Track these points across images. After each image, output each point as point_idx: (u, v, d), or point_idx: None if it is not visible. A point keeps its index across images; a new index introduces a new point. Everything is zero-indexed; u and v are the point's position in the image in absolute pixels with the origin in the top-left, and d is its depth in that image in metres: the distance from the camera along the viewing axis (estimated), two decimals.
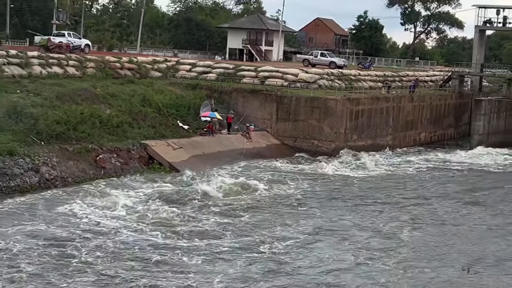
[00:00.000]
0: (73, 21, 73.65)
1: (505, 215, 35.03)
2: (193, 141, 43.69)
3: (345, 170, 44.18)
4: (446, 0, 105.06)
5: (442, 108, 62.57)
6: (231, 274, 23.36)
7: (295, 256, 25.72)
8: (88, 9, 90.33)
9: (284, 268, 24.26)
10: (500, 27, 73.89)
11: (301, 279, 23.17)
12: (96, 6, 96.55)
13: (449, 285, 24.06)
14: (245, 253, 25.83)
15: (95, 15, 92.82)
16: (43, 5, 76.59)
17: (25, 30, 70.57)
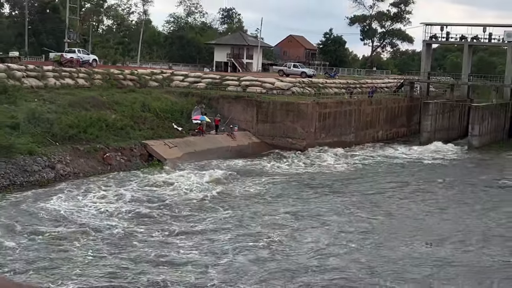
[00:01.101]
0: (82, 39, 73.23)
1: (454, 200, 35.36)
2: (186, 140, 43.63)
3: (312, 165, 44.28)
4: (398, 19, 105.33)
5: (396, 110, 62.82)
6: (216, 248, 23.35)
7: (279, 239, 25.36)
8: (95, 29, 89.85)
9: (271, 252, 23.88)
10: (443, 41, 74.29)
11: (289, 263, 22.77)
12: (102, 27, 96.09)
13: (419, 258, 24.21)
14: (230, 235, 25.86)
15: (101, 34, 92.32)
16: (56, 26, 76.18)
17: (41, 47, 70.15)
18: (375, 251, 24.59)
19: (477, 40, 69.66)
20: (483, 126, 57.95)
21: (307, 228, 27.36)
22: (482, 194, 37.24)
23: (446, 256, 24.48)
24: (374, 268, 22.61)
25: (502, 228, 29.58)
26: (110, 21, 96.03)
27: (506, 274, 23.19)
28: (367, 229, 27.77)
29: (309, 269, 22.08)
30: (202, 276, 21.07)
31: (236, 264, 22.26)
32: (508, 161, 51.33)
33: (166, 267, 21.61)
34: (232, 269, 21.81)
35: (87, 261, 21.77)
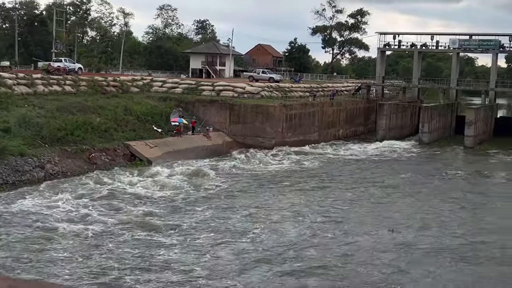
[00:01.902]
0: (68, 49, 72.32)
1: (408, 190, 35.67)
2: (166, 140, 43.31)
3: (281, 162, 44.33)
4: (356, 29, 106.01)
5: (355, 111, 63.20)
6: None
7: (256, 230, 25.03)
8: (80, 40, 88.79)
9: (248, 243, 23.55)
10: (396, 49, 74.97)
11: (266, 254, 22.37)
12: (86, 38, 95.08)
13: (385, 243, 24.40)
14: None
15: (86, 44, 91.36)
16: (44, 38, 75.18)
17: (30, 57, 69.11)
18: (346, 239, 24.61)
19: (425, 47, 70.43)
20: (432, 124, 58.62)
21: (278, 220, 27.07)
22: (432, 184, 37.74)
23: (407, 240, 24.77)
24: (347, 255, 22.61)
25: (451, 212, 30.15)
26: (94, 33, 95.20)
27: (460, 254, 23.50)
28: (335, 219, 27.69)
29: (287, 259, 21.78)
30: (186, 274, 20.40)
31: (219, 258, 21.92)
32: (454, 155, 52.03)
33: (148, 266, 20.63)
34: (215, 262, 21.55)
35: (64, 262, 20.50)
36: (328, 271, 20.77)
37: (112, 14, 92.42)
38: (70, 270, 19.75)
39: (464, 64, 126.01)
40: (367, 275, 20.56)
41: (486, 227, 27.57)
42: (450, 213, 29.92)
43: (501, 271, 22.02)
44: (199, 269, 20.46)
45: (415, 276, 20.85)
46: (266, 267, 20.88)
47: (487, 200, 33.70)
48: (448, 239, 25.23)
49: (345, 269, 21.11)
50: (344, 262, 21.77)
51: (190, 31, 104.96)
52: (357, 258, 22.29)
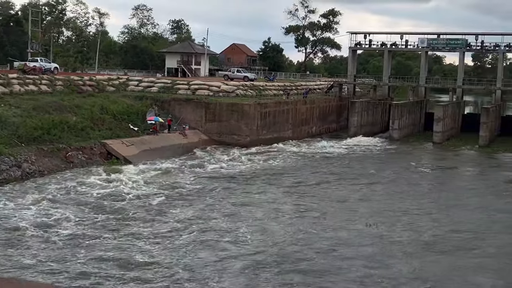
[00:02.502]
0: (44, 49, 71.26)
1: (379, 185, 36.10)
2: (142, 139, 43.06)
3: (254, 159, 44.41)
4: (328, 28, 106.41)
5: (327, 108, 63.55)
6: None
7: (235, 229, 24.82)
8: (55, 40, 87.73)
9: (228, 239, 23.45)
10: (367, 48, 75.55)
11: (247, 249, 22.37)
12: (62, 38, 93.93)
13: (365, 237, 24.72)
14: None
15: (62, 44, 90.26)
16: (20, 38, 73.93)
17: (6, 57, 67.94)
18: (326, 234, 24.76)
19: (395, 46, 71.09)
20: (402, 121, 59.27)
21: (258, 218, 26.79)
22: (403, 179, 38.20)
23: (384, 233, 25.21)
24: (330, 249, 22.77)
25: (422, 206, 30.73)
26: (70, 33, 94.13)
27: (433, 245, 24.07)
28: (313, 215, 27.78)
29: (270, 256, 21.65)
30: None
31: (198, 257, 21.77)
32: (423, 151, 52.71)
33: (125, 270, 19.86)
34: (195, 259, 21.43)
35: (34, 267, 19.59)
36: (311, 267, 20.77)
37: (87, 14, 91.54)
38: (43, 277, 18.72)
39: (433, 63, 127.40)
40: (349, 270, 20.69)
41: (456, 220, 28.12)
42: (422, 207, 30.50)
43: (472, 260, 22.51)
44: (181, 271, 19.85)
45: (394, 268, 21.10)
46: (250, 266, 20.59)
47: (455, 194, 34.26)
48: (421, 231, 25.74)
49: (327, 264, 21.17)
50: (325, 257, 21.85)
51: (166, 30, 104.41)
52: (338, 253, 22.41)
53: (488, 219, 28.68)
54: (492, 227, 27.11)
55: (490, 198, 33.15)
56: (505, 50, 66.99)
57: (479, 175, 41.22)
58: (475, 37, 66.69)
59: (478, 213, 29.73)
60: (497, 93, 64.32)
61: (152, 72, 77.55)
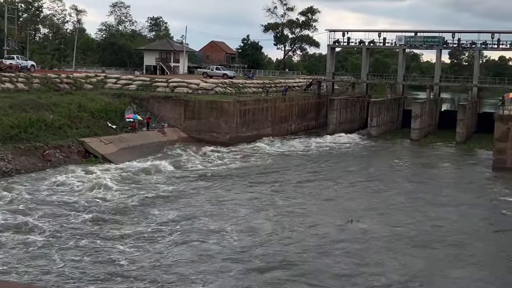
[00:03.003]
0: (21, 46, 70.28)
1: (359, 181, 36.26)
2: (120, 137, 42.75)
3: (233, 157, 44.36)
4: (306, 26, 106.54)
5: (306, 106, 63.72)
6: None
7: (218, 227, 24.59)
8: (32, 37, 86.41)
9: (212, 239, 23.14)
10: (345, 45, 75.90)
11: (231, 249, 22.20)
12: (38, 35, 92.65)
13: (348, 232, 24.93)
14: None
15: (38, 41, 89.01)
16: None
17: None
18: (311, 231, 24.83)
19: (373, 44, 71.55)
20: (380, 118, 59.68)
21: (239, 217, 26.56)
22: (381, 175, 38.50)
23: (366, 228, 25.50)
24: (316, 246, 22.87)
25: (401, 201, 31.08)
26: (47, 30, 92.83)
27: (413, 239, 24.44)
28: (296, 212, 27.82)
29: (256, 256, 21.45)
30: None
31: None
32: (401, 147, 53.15)
33: (106, 274, 19.25)
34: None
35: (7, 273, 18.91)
36: (298, 265, 20.70)
37: (64, 11, 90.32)
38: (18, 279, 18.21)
39: (410, 60, 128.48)
40: (336, 267, 20.75)
41: (435, 215, 28.49)
42: (401, 203, 30.85)
43: (449, 252, 22.91)
44: (164, 275, 19.40)
45: (379, 264, 21.34)
46: (236, 266, 20.32)
47: (433, 190, 34.61)
48: (402, 227, 26.10)
49: (314, 261, 21.19)
50: (312, 255, 21.87)
51: (144, 28, 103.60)
52: (324, 249, 22.47)
53: (465, 214, 29.09)
54: (469, 222, 27.53)
55: (467, 194, 33.59)
56: (481, 48, 67.81)
57: (456, 172, 41.70)
58: (452, 35, 67.43)
59: (455, 208, 30.14)
60: (474, 90, 65.08)
61: (130, 69, 76.97)
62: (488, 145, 50.80)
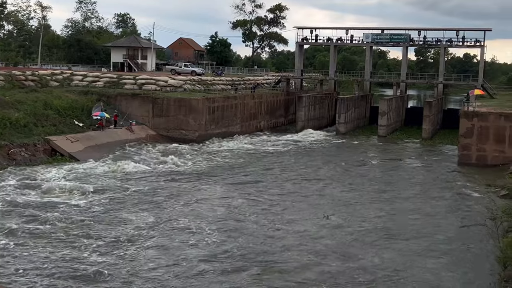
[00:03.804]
0: None
1: (330, 177, 36.48)
2: (87, 135, 42.20)
3: (201, 156, 44.22)
4: (275, 23, 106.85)
5: (275, 103, 63.87)
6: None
7: (193, 227, 24.20)
8: None
9: (188, 240, 22.67)
10: (313, 43, 76.30)
11: (209, 250, 21.78)
12: (3, 31, 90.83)
13: (324, 228, 25.06)
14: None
15: (2, 38, 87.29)
16: None
17: None
18: (286, 228, 24.83)
19: (341, 41, 72.06)
20: (348, 115, 60.20)
21: (212, 217, 26.01)
22: (350, 171, 38.86)
23: (340, 224, 25.83)
24: (296, 244, 22.87)
25: (372, 196, 31.50)
26: (11, 26, 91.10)
27: (385, 232, 24.85)
28: (270, 210, 27.72)
29: (238, 256, 21.11)
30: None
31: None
32: (369, 144, 53.68)
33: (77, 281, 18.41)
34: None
35: None
36: (280, 264, 20.58)
37: (29, 8, 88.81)
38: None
39: (377, 57, 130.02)
40: (318, 263, 20.81)
41: (402, 209, 29.04)
42: (371, 198, 31.30)
43: (423, 244, 23.43)
44: (140, 284, 18.52)
45: (356, 256, 21.65)
46: (216, 268, 19.85)
47: (401, 185, 35.11)
48: (373, 220, 26.55)
49: (296, 259, 21.14)
50: (293, 252, 21.83)
51: (111, 24, 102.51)
52: (305, 247, 22.47)
53: (433, 207, 29.72)
54: (437, 215, 28.13)
55: (434, 189, 34.15)
56: (447, 45, 68.98)
57: (423, 167, 42.31)
58: (418, 33, 68.40)
59: (424, 202, 30.76)
60: (439, 87, 66.15)
61: (97, 66, 76.04)
62: (453, 141, 51.77)
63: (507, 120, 41.96)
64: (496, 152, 41.90)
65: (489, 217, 22.90)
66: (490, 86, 67.91)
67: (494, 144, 42.00)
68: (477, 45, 65.95)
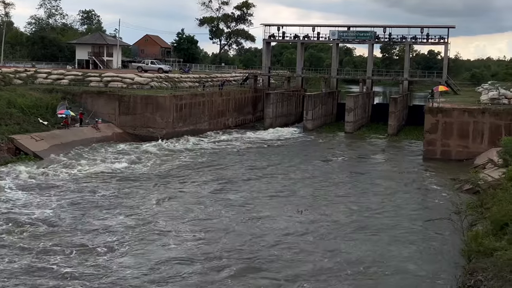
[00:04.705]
0: None
1: (298, 173, 36.68)
2: (52, 133, 41.52)
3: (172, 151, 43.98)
4: (242, 20, 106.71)
5: (243, 100, 63.87)
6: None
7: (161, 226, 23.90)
8: None
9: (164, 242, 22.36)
10: (280, 40, 76.44)
11: (187, 251, 21.68)
12: None
13: (299, 222, 25.38)
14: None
15: None
16: None
17: None
18: (263, 225, 24.82)
19: (308, 38, 72.41)
20: (315, 111, 60.56)
21: (186, 218, 25.54)
22: (318, 167, 39.13)
23: (314, 218, 26.18)
24: (272, 238, 22.96)
25: (340, 191, 31.86)
26: None
27: (355, 225, 25.39)
28: (243, 207, 27.70)
29: (218, 256, 20.79)
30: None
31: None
32: (336, 140, 54.07)
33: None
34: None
35: None
36: (261, 262, 20.47)
37: None
38: None
39: (343, 54, 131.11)
40: (300, 259, 20.89)
41: (370, 203, 29.47)
42: (340, 193, 31.78)
43: (392, 235, 24.05)
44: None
45: (333, 249, 22.02)
46: (196, 269, 19.50)
47: (369, 180, 35.53)
48: (343, 214, 27.06)
49: (277, 256, 21.15)
50: (273, 249, 21.83)
51: (75, 21, 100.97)
52: (285, 244, 22.54)
53: (400, 200, 30.35)
54: (403, 207, 28.79)
55: (400, 183, 34.73)
56: (411, 42, 69.90)
57: (389, 162, 42.86)
58: (383, 30, 69.17)
59: (391, 196, 31.32)
60: (404, 83, 67.06)
61: (61, 64, 74.81)
62: (418, 137, 52.55)
63: (470, 115, 42.82)
64: (460, 147, 42.75)
65: (454, 211, 23.28)
66: (454, 82, 69.09)
67: (458, 140, 42.84)
68: (441, 42, 67.01)
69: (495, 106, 44.17)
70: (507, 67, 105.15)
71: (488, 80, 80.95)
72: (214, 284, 18.46)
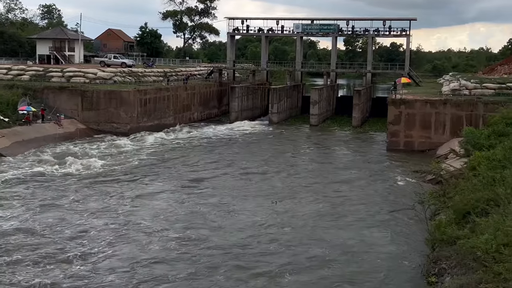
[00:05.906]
0: None
1: (265, 166, 36.69)
2: (14, 130, 40.67)
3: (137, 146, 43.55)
4: (206, 13, 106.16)
5: (208, 94, 63.61)
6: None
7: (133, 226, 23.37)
8: None
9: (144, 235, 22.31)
10: (245, 33, 76.40)
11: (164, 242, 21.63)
12: None
13: (274, 213, 25.61)
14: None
15: None
16: None
17: None
18: (241, 218, 24.74)
19: (272, 31, 72.51)
20: (280, 104, 60.71)
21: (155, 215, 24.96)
22: (285, 160, 39.26)
23: (288, 208, 26.50)
24: (252, 232, 22.95)
25: (310, 182, 32.21)
26: None
27: (328, 214, 25.88)
28: (216, 200, 27.60)
29: (201, 254, 20.37)
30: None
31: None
32: (301, 133, 54.34)
33: None
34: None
35: None
36: (240, 257, 20.31)
37: None
38: None
39: (308, 47, 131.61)
40: (282, 251, 20.92)
41: (339, 192, 30.07)
42: (308, 183, 32.07)
43: (358, 226, 24.37)
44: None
45: (318, 238, 22.37)
46: (175, 270, 18.94)
47: (334, 171, 35.94)
48: (314, 203, 27.53)
49: (256, 247, 21.19)
50: (251, 241, 21.81)
51: (35, 16, 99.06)
52: (261, 234, 22.63)
53: (365, 188, 31.03)
54: (369, 196, 29.53)
55: (365, 173, 35.23)
56: (374, 35, 70.64)
57: (354, 154, 43.22)
58: (347, 23, 69.70)
59: (357, 185, 31.94)
60: (368, 75, 67.73)
61: (22, 59, 73.22)
62: (382, 128, 53.20)
63: (432, 107, 43.51)
64: (422, 138, 43.43)
65: (417, 201, 23.60)
66: (416, 74, 70.10)
67: (421, 130, 43.52)
68: (403, 35, 67.87)
69: (456, 97, 44.95)
70: (468, 59, 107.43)
71: (449, 71, 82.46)
72: (196, 281, 18.16)
